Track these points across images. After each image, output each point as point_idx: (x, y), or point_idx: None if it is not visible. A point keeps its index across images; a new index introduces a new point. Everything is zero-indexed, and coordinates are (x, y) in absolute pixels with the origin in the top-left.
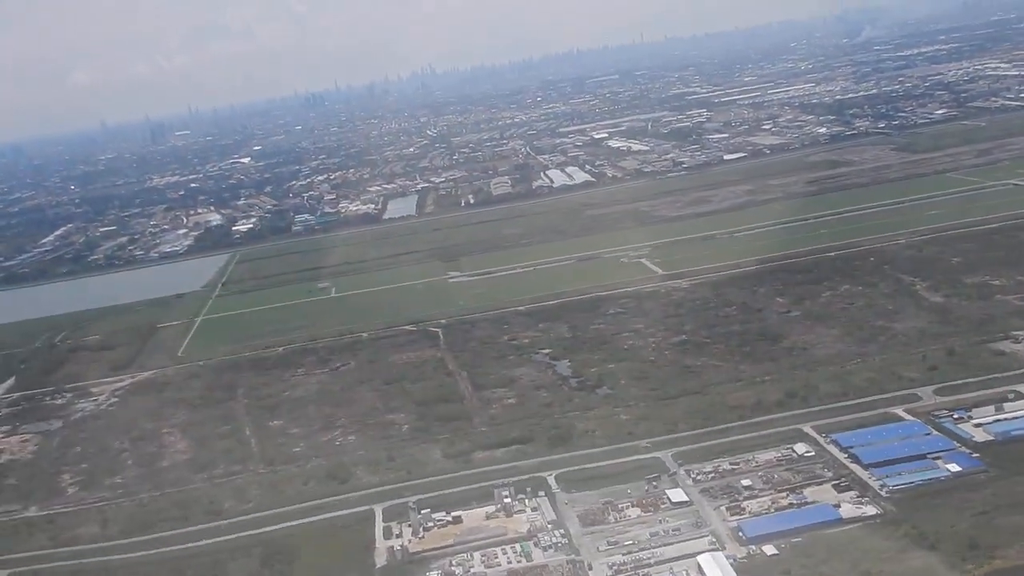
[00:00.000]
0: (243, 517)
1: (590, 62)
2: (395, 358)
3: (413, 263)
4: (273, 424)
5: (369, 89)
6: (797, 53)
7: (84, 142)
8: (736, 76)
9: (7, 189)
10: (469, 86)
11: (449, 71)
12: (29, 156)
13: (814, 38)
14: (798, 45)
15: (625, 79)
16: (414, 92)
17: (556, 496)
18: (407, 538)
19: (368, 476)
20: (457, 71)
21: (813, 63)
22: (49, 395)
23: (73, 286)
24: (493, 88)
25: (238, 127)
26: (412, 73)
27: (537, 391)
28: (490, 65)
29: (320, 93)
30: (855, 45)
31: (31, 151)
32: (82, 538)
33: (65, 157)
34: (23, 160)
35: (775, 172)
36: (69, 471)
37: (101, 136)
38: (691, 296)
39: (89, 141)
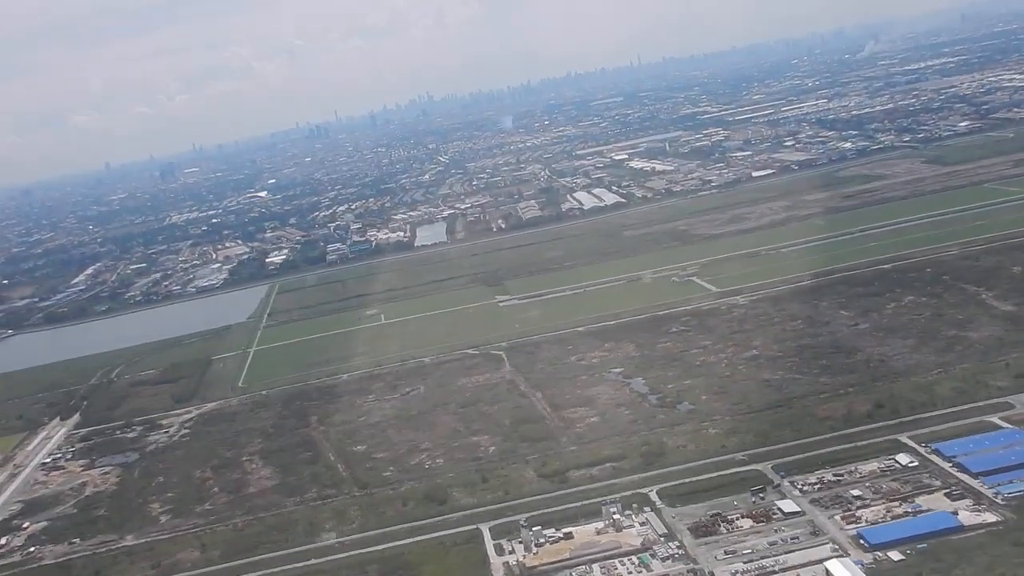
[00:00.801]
0: (347, 538)
1: (589, 85)
2: (464, 381)
3: (457, 288)
4: (357, 449)
5: (371, 119)
6: (801, 70)
7: (91, 183)
8: (744, 95)
9: (24, 231)
10: (471, 112)
11: (448, 97)
12: (40, 199)
13: (815, 54)
14: (800, 62)
15: (630, 101)
16: (415, 119)
17: (662, 510)
18: (520, 554)
19: (466, 497)
20: (455, 97)
21: (820, 79)
22: (119, 429)
23: (115, 323)
24: (496, 114)
25: (246, 162)
26: (410, 101)
27: (618, 409)
28: (488, 91)
29: (323, 124)
30: (859, 60)
31: (38, 194)
32: (183, 564)
33: (75, 198)
34: (34, 202)
35: (808, 188)
36: (156, 500)
37: (107, 177)
38: (752, 312)
39: (96, 182)
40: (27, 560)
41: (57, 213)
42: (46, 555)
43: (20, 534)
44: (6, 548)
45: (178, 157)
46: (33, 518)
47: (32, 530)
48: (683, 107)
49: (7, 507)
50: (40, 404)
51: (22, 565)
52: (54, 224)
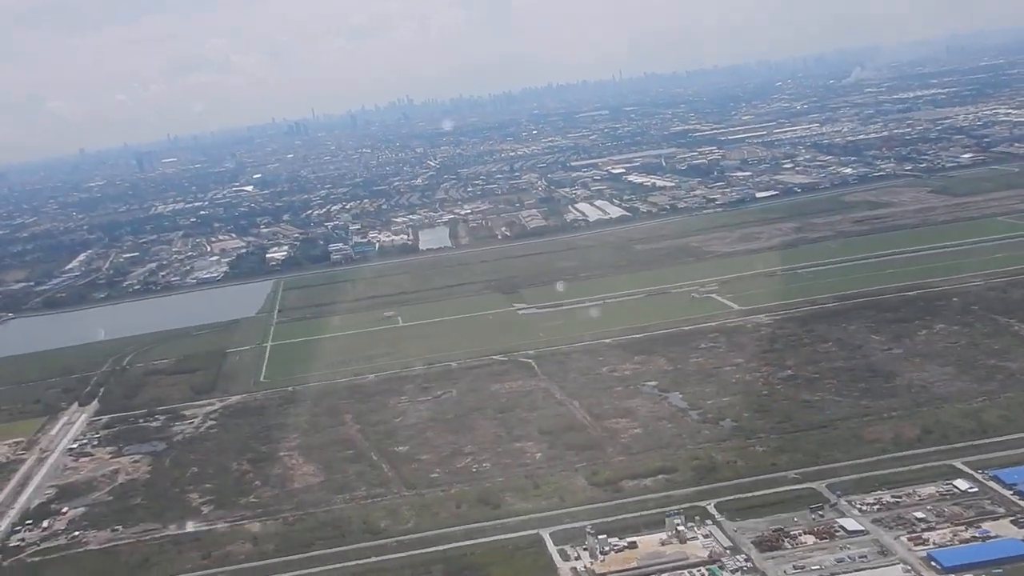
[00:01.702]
0: (404, 537)
1: (571, 97)
2: (497, 388)
3: (471, 295)
4: (399, 450)
5: (351, 119)
6: (787, 93)
7: (67, 168)
8: (733, 115)
9: (6, 214)
10: (457, 117)
11: (428, 102)
12: (17, 183)
13: (798, 78)
14: (784, 85)
15: (616, 115)
16: (396, 122)
17: (723, 524)
18: (586, 561)
19: (520, 502)
20: (436, 102)
21: (807, 103)
22: (142, 418)
23: (116, 311)
24: (480, 121)
25: (225, 155)
26: (389, 103)
27: (660, 422)
28: (468, 97)
29: (301, 121)
30: (845, 86)
31: (14, 178)
32: (236, 556)
33: (52, 184)
34: (12, 186)
35: (815, 211)
36: (194, 491)
37: (83, 163)
38: (780, 332)
39: (72, 168)
40: (72, 544)
41: (37, 198)
42: (90, 540)
43: (60, 519)
44: (49, 532)
45: (153, 146)
46: (70, 503)
47: (71, 515)
48: (672, 124)
49: (41, 491)
50: (55, 389)
51: (67, 549)
52: (35, 209)
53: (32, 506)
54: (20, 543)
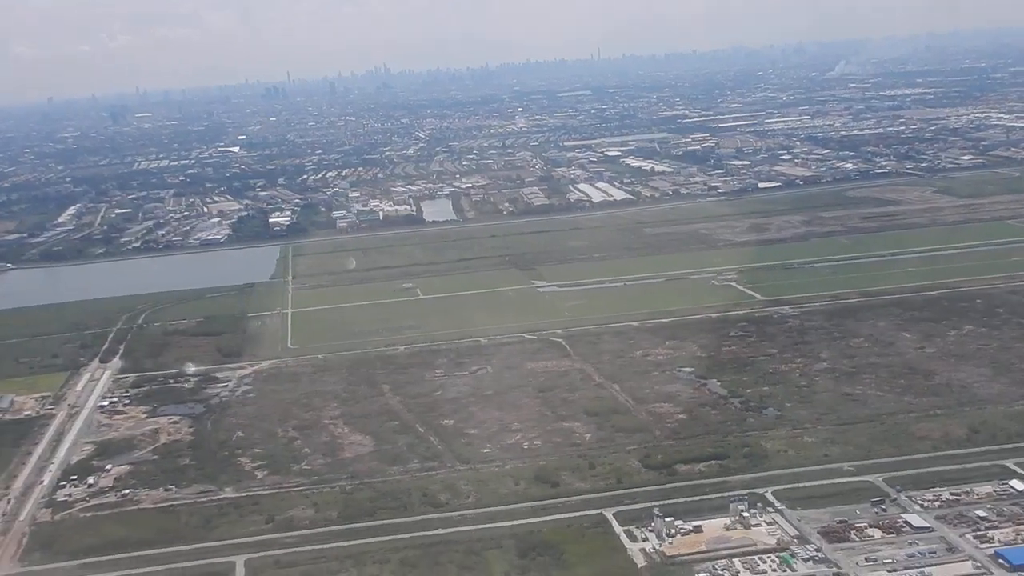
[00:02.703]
0: (467, 512)
1: (549, 74)
2: (532, 366)
3: (486, 269)
4: (445, 423)
5: (330, 85)
6: (770, 83)
7: (36, 117)
8: (719, 102)
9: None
10: (435, 90)
11: (404, 72)
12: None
13: (779, 68)
14: (765, 74)
15: (600, 96)
16: (375, 91)
17: (784, 512)
18: (654, 542)
19: (578, 482)
20: (412, 73)
21: (793, 95)
22: (172, 378)
23: (119, 267)
24: (461, 94)
25: (202, 113)
26: (366, 72)
27: (702, 408)
28: (446, 69)
29: (278, 85)
30: (828, 80)
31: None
32: (300, 521)
33: (22, 132)
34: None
35: (820, 205)
36: (244, 455)
37: (51, 111)
38: (808, 324)
39: (42, 117)
40: (124, 502)
41: (11, 147)
42: (143, 499)
43: (105, 475)
44: (96, 488)
45: (121, 98)
46: (112, 460)
47: (116, 473)
48: (659, 109)
49: (79, 448)
50: (71, 344)
51: (120, 506)
52: (12, 159)
53: (72, 461)
54: (68, 498)
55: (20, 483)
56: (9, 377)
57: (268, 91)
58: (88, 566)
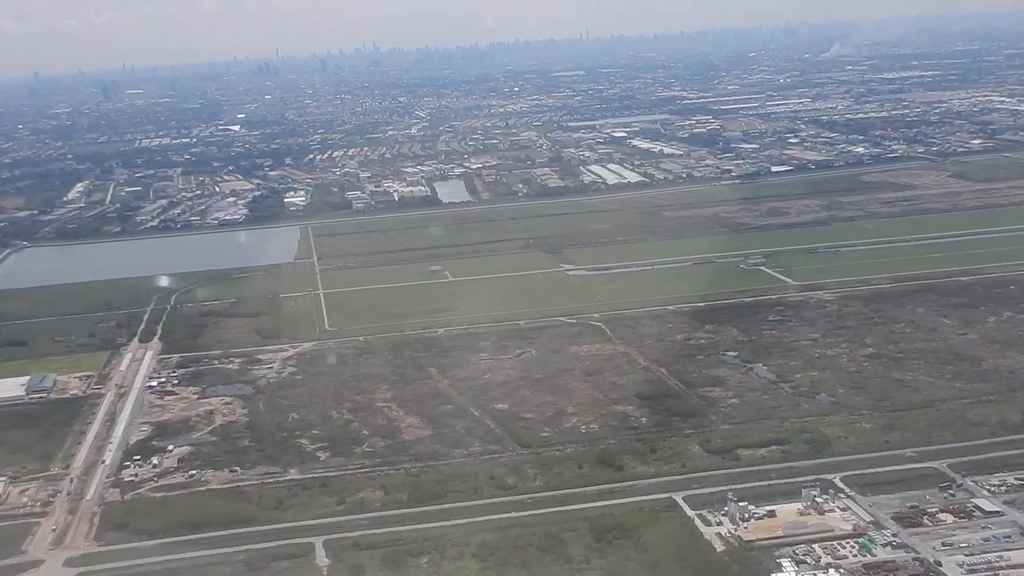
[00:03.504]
0: (536, 495)
1: (541, 54)
2: (576, 349)
3: (512, 252)
4: (499, 407)
5: (321, 63)
6: (764, 64)
7: (23, 92)
8: (716, 84)
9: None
10: (427, 68)
11: (393, 50)
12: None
13: (771, 49)
14: (757, 55)
15: (595, 76)
16: (366, 69)
17: (855, 498)
18: (729, 527)
19: (641, 466)
20: (402, 51)
21: (790, 77)
22: (216, 359)
23: (139, 247)
24: (454, 73)
25: (195, 91)
26: (355, 49)
27: (753, 393)
28: (435, 48)
29: (269, 62)
30: (823, 61)
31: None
32: (371, 503)
33: (11, 107)
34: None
35: (837, 189)
36: (302, 437)
37: (40, 87)
38: (846, 310)
39: (30, 92)
40: (192, 483)
41: (3, 122)
42: (210, 480)
43: (167, 456)
44: (160, 469)
45: (108, 74)
46: (172, 441)
47: (179, 453)
48: (656, 90)
49: (135, 428)
50: (106, 324)
51: (188, 487)
52: (6, 134)
53: (131, 442)
54: (134, 478)
55: (80, 462)
56: (45, 356)
57: (260, 68)
58: (165, 546)
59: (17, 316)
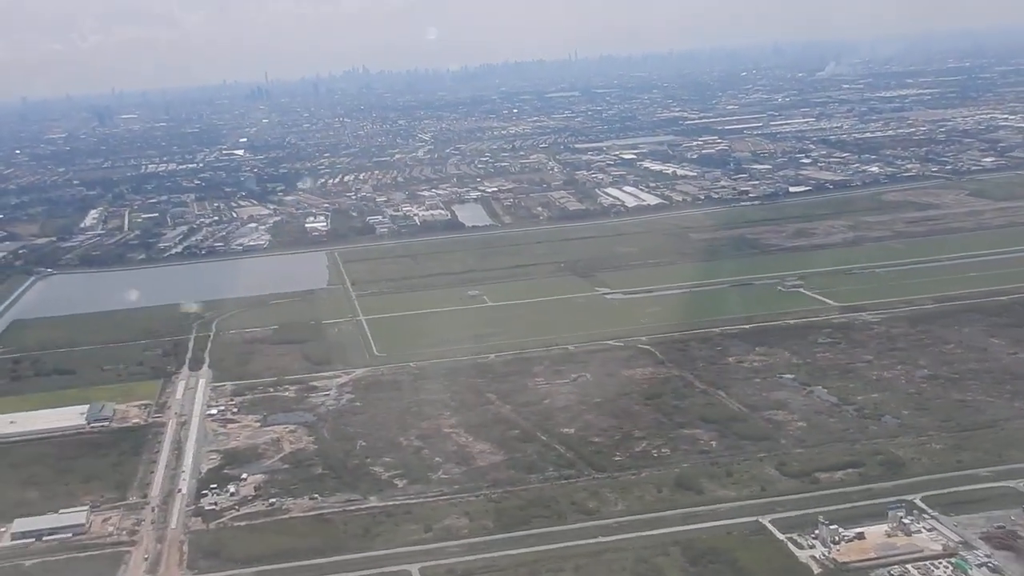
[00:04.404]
0: (620, 519)
1: (530, 75)
2: (630, 373)
3: (545, 276)
4: (566, 431)
5: (314, 86)
6: (759, 83)
7: (13, 118)
8: (714, 104)
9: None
10: (419, 90)
11: (383, 73)
12: None
13: (762, 69)
14: (750, 75)
15: (591, 97)
16: (358, 92)
17: (939, 519)
18: (822, 549)
19: (720, 489)
20: (392, 73)
21: (788, 96)
22: (271, 387)
23: (166, 274)
24: (448, 95)
25: (191, 115)
26: (344, 72)
27: (818, 416)
28: (424, 70)
29: (262, 86)
30: (818, 80)
31: None
32: (458, 530)
33: (6, 131)
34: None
35: (859, 210)
36: (375, 464)
37: (29, 112)
38: (893, 331)
39: (19, 117)
40: (274, 511)
41: (1, 147)
42: (291, 508)
43: (243, 484)
44: (239, 497)
45: (97, 99)
46: (244, 469)
47: (254, 482)
48: (656, 111)
49: (205, 456)
50: (152, 352)
51: (271, 515)
52: (4, 159)
53: (203, 470)
54: (215, 507)
55: (157, 491)
56: (97, 384)
57: (252, 92)
58: (260, 575)
59: (59, 344)
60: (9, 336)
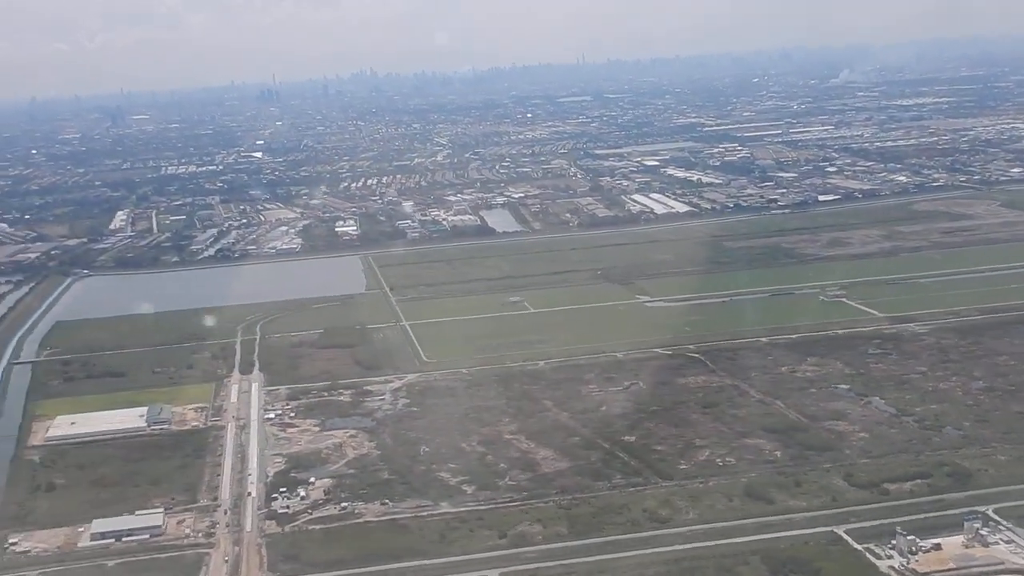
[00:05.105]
0: (695, 527)
1: (539, 79)
2: (683, 381)
3: (582, 283)
4: (627, 439)
5: (323, 88)
6: (773, 90)
7: (22, 117)
8: (729, 110)
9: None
10: (428, 93)
11: (390, 76)
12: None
13: (772, 75)
14: (762, 81)
15: (604, 102)
16: (368, 95)
17: (1015, 530)
18: (901, 560)
19: (790, 499)
20: (399, 76)
21: (804, 104)
22: (325, 391)
23: (201, 277)
24: (459, 99)
25: (203, 117)
26: (352, 74)
27: (879, 427)
28: (431, 73)
29: (270, 87)
30: (832, 88)
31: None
32: (532, 536)
33: (14, 132)
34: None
35: (892, 219)
36: (441, 470)
37: (39, 112)
38: (944, 343)
39: (28, 117)
40: (346, 515)
41: (14, 147)
42: (364, 512)
43: (312, 488)
44: (310, 501)
45: (105, 99)
46: (311, 473)
47: (322, 486)
48: (672, 116)
49: (269, 460)
50: (200, 355)
51: (344, 519)
52: (21, 159)
53: (270, 474)
54: (287, 510)
55: (226, 494)
56: (149, 387)
57: (262, 94)
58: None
59: (105, 346)
60: (55, 337)
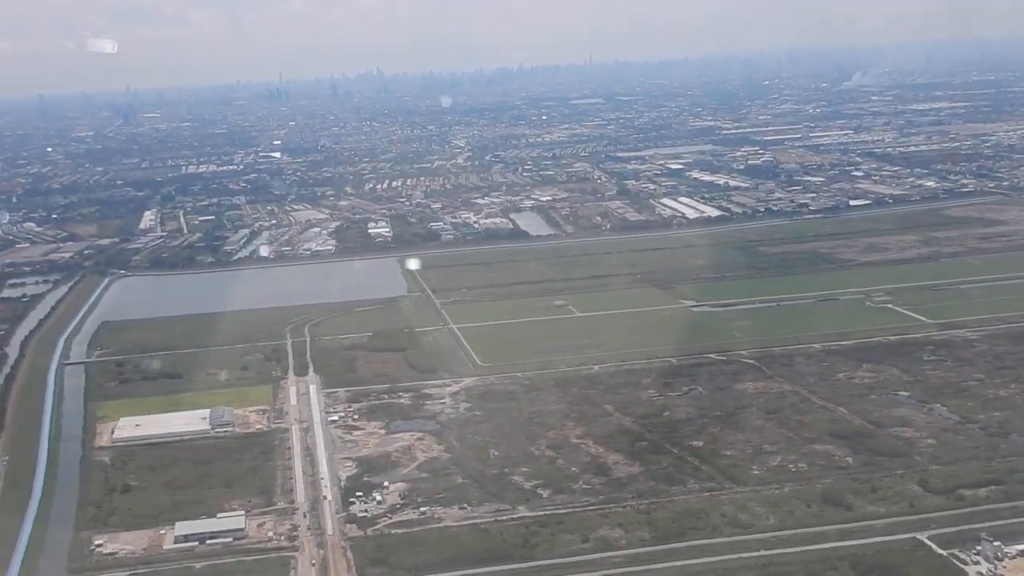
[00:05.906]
0: (776, 533)
1: (547, 80)
2: (741, 387)
3: (625, 288)
4: (695, 444)
5: (332, 88)
6: (785, 93)
7: (31, 114)
8: (745, 113)
9: (5, 161)
10: (437, 94)
11: (397, 76)
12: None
13: (781, 77)
14: (772, 84)
15: (615, 104)
16: (376, 95)
17: None
18: (987, 566)
19: (868, 505)
20: (406, 76)
21: (819, 107)
22: (384, 394)
23: (239, 277)
24: (469, 100)
25: (215, 116)
26: (359, 74)
27: (945, 433)
28: (438, 73)
29: (278, 86)
30: (844, 91)
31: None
32: (615, 541)
33: (26, 129)
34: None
35: (926, 224)
36: (513, 474)
37: (47, 110)
38: (997, 349)
39: (38, 114)
40: (426, 520)
41: (28, 145)
42: (444, 517)
43: (387, 492)
44: (387, 506)
45: (114, 97)
46: (384, 477)
47: (396, 490)
48: (688, 119)
49: (339, 463)
50: (252, 356)
51: (424, 524)
52: (38, 157)
53: (342, 477)
54: (366, 514)
55: (301, 497)
56: (206, 389)
57: (270, 93)
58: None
59: (154, 347)
60: (103, 338)
